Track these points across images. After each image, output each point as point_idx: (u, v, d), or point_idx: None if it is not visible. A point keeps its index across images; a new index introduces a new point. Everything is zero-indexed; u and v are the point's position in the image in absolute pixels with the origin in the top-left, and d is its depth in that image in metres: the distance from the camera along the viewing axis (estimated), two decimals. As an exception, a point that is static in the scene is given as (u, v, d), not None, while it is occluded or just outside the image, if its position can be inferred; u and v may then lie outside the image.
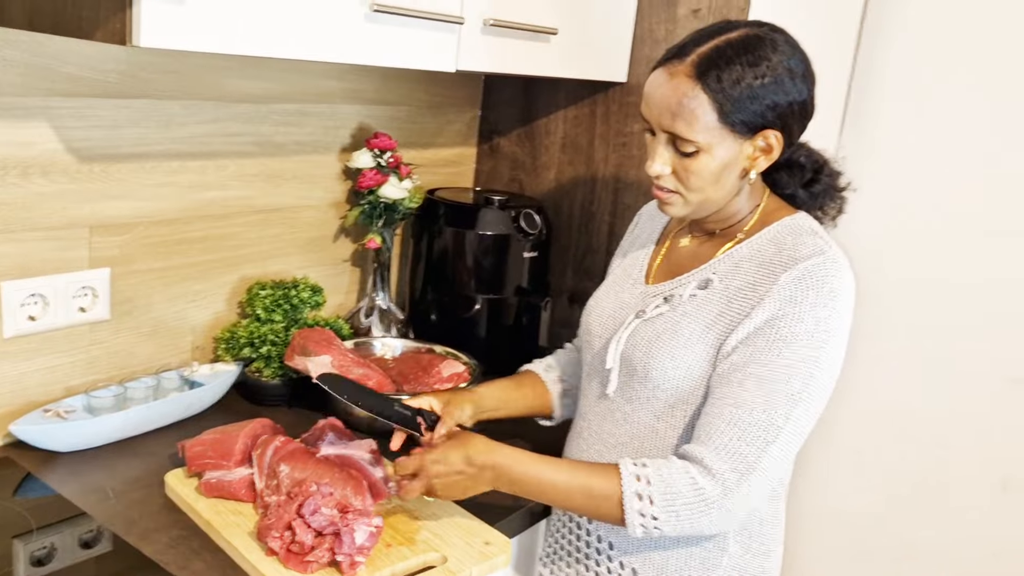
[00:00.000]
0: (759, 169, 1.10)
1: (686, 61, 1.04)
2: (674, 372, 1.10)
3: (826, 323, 1.03)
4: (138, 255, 1.45)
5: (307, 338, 1.45)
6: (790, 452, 1.05)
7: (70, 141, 1.32)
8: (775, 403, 1.02)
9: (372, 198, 1.68)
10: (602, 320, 1.23)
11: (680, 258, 1.21)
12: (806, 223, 1.13)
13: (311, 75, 1.63)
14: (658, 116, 1.06)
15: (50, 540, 1.14)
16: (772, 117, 1.05)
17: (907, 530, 1.99)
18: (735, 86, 1.02)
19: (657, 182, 1.11)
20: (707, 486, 1.03)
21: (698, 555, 1.14)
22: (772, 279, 1.05)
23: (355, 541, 1.08)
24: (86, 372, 1.43)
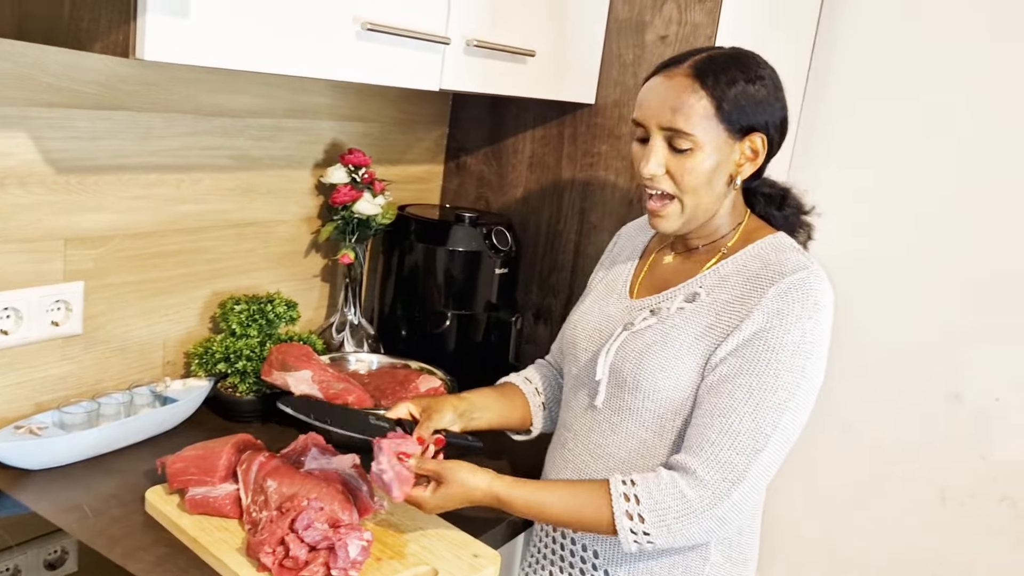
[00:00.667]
0: (744, 175, 1.15)
1: (683, 65, 1.12)
2: (664, 383, 1.13)
3: (811, 334, 1.08)
4: (112, 268, 1.43)
5: (286, 353, 1.45)
6: (778, 460, 1.09)
7: (48, 152, 1.29)
8: (763, 412, 1.06)
9: (346, 213, 1.69)
10: (588, 333, 1.26)
11: (664, 273, 1.24)
12: (787, 241, 1.18)
13: (288, 90, 1.63)
14: (657, 114, 1.11)
15: (14, 561, 1.11)
16: (761, 121, 1.12)
17: (849, 540, 2.06)
18: (731, 86, 1.10)
19: (651, 184, 1.14)
20: (695, 497, 1.06)
21: (681, 564, 1.17)
22: (760, 292, 1.10)
23: (349, 555, 1.08)
24: (57, 388, 1.40)
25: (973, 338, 1.87)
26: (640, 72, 1.74)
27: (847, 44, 1.93)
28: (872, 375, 2.00)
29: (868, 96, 1.93)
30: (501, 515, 1.34)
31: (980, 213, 1.84)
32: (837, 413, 2.04)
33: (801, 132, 2.01)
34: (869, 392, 2.00)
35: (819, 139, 2.00)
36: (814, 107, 1.99)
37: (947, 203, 1.87)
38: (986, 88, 1.80)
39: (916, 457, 1.97)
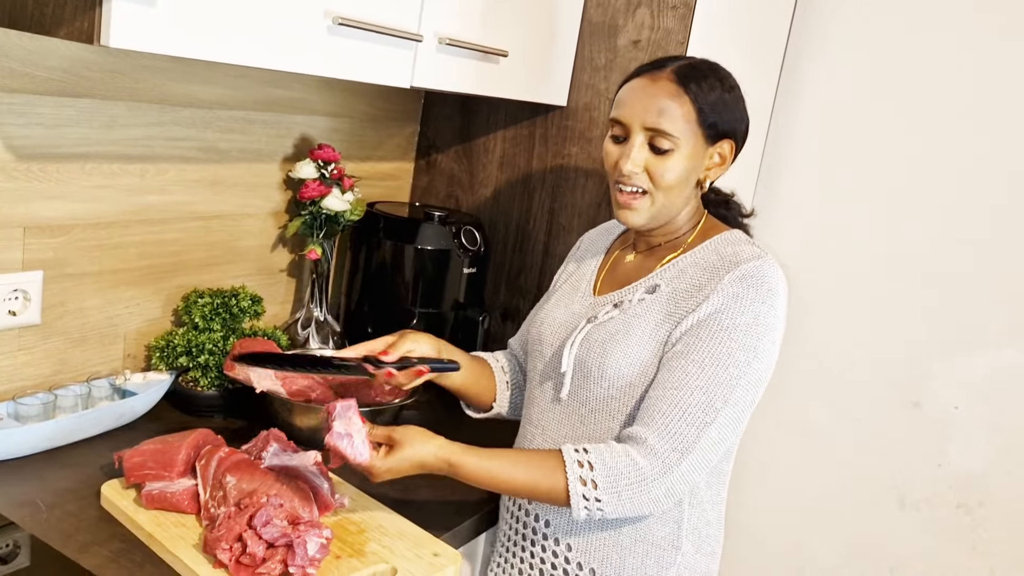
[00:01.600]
0: (712, 179, 1.21)
1: (666, 70, 1.17)
2: (628, 370, 1.16)
3: (764, 317, 1.12)
4: (73, 258, 1.40)
5: (249, 347, 1.43)
6: (727, 436, 1.13)
7: (9, 138, 1.27)
8: (715, 387, 1.10)
9: (314, 209, 1.68)
10: (554, 328, 1.28)
11: (626, 271, 1.28)
12: (742, 236, 1.24)
13: (258, 83, 1.62)
14: (642, 114, 1.16)
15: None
16: (731, 128, 1.18)
17: (808, 544, 2.09)
18: (710, 93, 1.15)
19: (628, 181, 1.18)
20: (646, 465, 1.09)
21: (654, 554, 1.19)
22: (716, 279, 1.14)
23: (307, 552, 1.07)
24: (12, 378, 1.37)
25: (934, 347, 1.90)
26: (612, 76, 1.75)
27: (819, 53, 1.95)
28: (833, 382, 2.02)
29: (835, 105, 1.95)
30: (464, 512, 1.34)
31: (944, 223, 1.86)
32: (797, 419, 2.06)
33: (770, 139, 2.03)
34: (830, 398, 2.03)
35: (785, 147, 2.01)
36: (782, 114, 2.01)
37: (910, 213, 1.89)
38: (952, 96, 1.83)
39: (876, 463, 1.99)
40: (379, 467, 1.12)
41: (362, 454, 1.12)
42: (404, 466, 1.13)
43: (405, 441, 1.13)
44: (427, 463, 1.13)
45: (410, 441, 1.13)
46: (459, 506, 1.36)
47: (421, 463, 1.13)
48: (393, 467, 1.12)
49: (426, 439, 1.14)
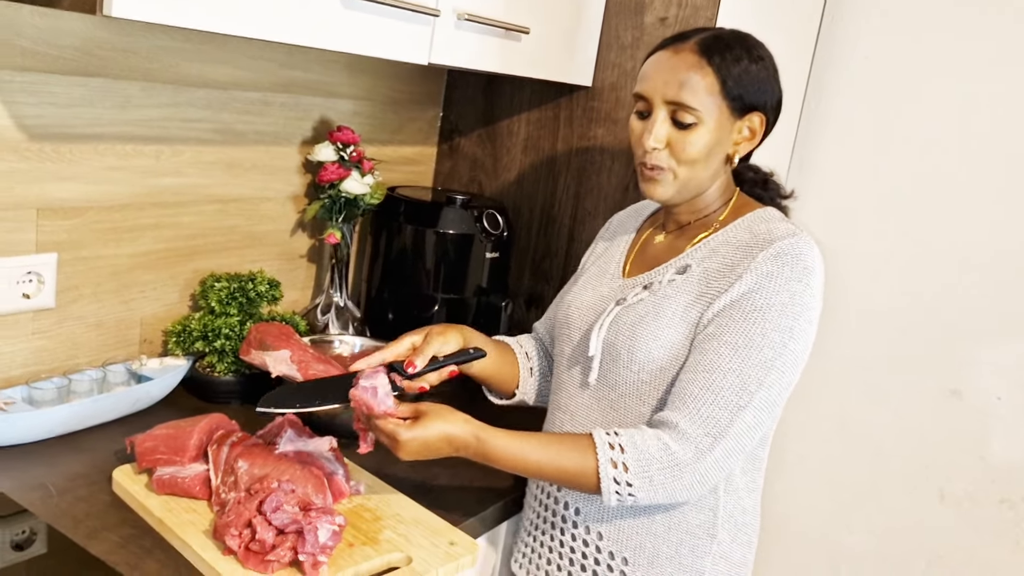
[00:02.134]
0: (741, 154, 1.17)
1: (689, 42, 1.13)
2: (658, 352, 1.11)
3: (800, 296, 1.07)
4: (87, 241, 1.38)
5: (265, 332, 1.40)
6: (762, 420, 1.08)
7: (20, 118, 1.25)
8: (748, 369, 1.05)
9: (333, 192, 1.65)
10: (582, 311, 1.24)
11: (656, 252, 1.24)
12: (776, 213, 1.19)
13: (275, 63, 1.59)
14: (663, 88, 1.11)
15: (1, 540, 1.07)
16: (761, 101, 1.13)
17: (846, 537, 2.02)
18: (735, 64, 1.11)
19: (650, 157, 1.14)
20: (679, 450, 1.05)
21: (688, 543, 1.15)
22: (749, 258, 1.10)
23: (318, 540, 1.04)
24: (28, 362, 1.36)
25: (975, 335, 1.83)
26: (638, 55, 1.69)
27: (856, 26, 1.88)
28: (871, 371, 1.95)
29: (874, 85, 1.88)
30: (486, 499, 1.30)
31: (984, 208, 1.79)
32: (833, 410, 2.00)
33: (804, 117, 1.96)
34: (867, 389, 1.96)
35: (820, 125, 1.95)
36: (818, 95, 1.94)
37: (951, 197, 1.82)
38: (994, 81, 1.75)
39: (915, 455, 1.93)
40: (404, 435, 1.06)
41: (385, 403, 1.08)
42: (430, 436, 1.07)
43: (432, 412, 1.09)
44: (454, 435, 1.08)
45: (437, 412, 1.09)
46: (481, 493, 1.32)
47: (448, 435, 1.07)
48: (419, 435, 1.06)
49: (453, 412, 1.10)
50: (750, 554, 1.22)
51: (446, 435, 1.08)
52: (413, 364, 1.16)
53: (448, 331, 1.22)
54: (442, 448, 1.08)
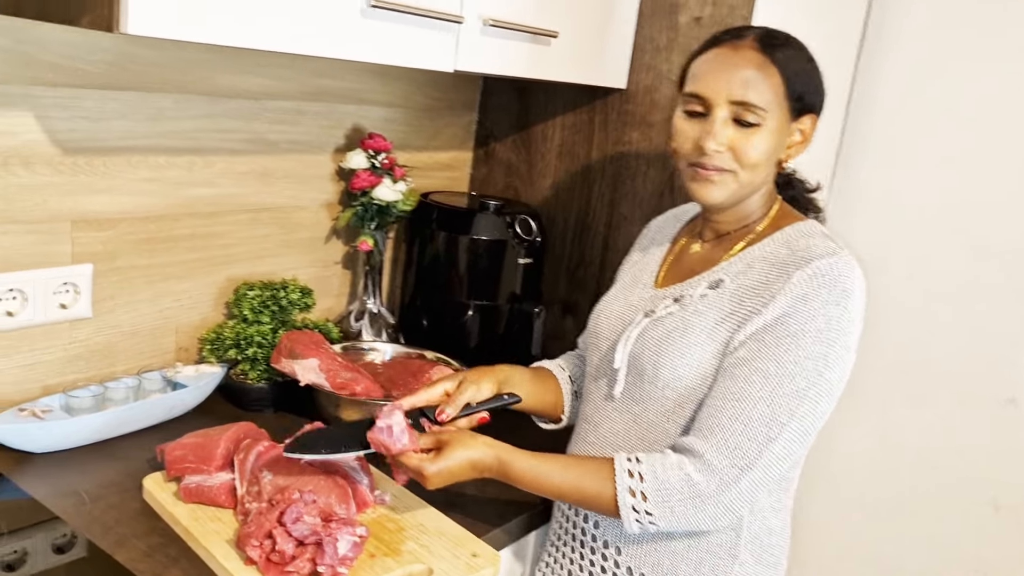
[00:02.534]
0: (792, 158, 1.13)
1: (746, 38, 1.09)
2: (684, 371, 1.08)
3: (837, 322, 1.02)
4: (122, 251, 1.41)
5: (295, 340, 1.41)
6: (793, 451, 1.04)
7: (54, 132, 1.28)
8: (780, 399, 1.01)
9: (365, 199, 1.65)
10: (610, 322, 1.22)
11: (691, 262, 1.20)
12: (817, 227, 1.14)
13: (307, 73, 1.60)
14: (726, 87, 1.07)
15: (22, 544, 1.10)
16: (816, 102, 1.11)
17: (891, 551, 1.96)
18: (794, 62, 1.08)
19: (710, 161, 1.09)
20: (702, 481, 1.02)
21: (709, 562, 1.12)
22: (784, 277, 1.05)
23: (338, 551, 1.04)
24: (65, 371, 1.39)
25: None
26: (673, 56, 1.66)
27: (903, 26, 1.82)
28: (916, 377, 1.88)
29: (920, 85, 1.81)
30: (508, 511, 1.29)
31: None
32: (876, 418, 1.94)
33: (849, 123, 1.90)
34: (912, 396, 1.89)
35: (866, 130, 1.89)
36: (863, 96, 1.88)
37: (1001, 198, 1.75)
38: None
39: (965, 464, 1.86)
40: (430, 468, 1.07)
41: (401, 440, 1.08)
42: (455, 465, 1.08)
43: (454, 441, 1.09)
44: (478, 460, 1.08)
45: (459, 440, 1.09)
46: (510, 504, 1.31)
47: (472, 461, 1.08)
48: (443, 468, 1.07)
49: (474, 437, 1.10)
50: (777, 574, 1.18)
51: (469, 461, 1.08)
52: (444, 412, 1.15)
53: (483, 378, 1.20)
54: (467, 473, 1.09)
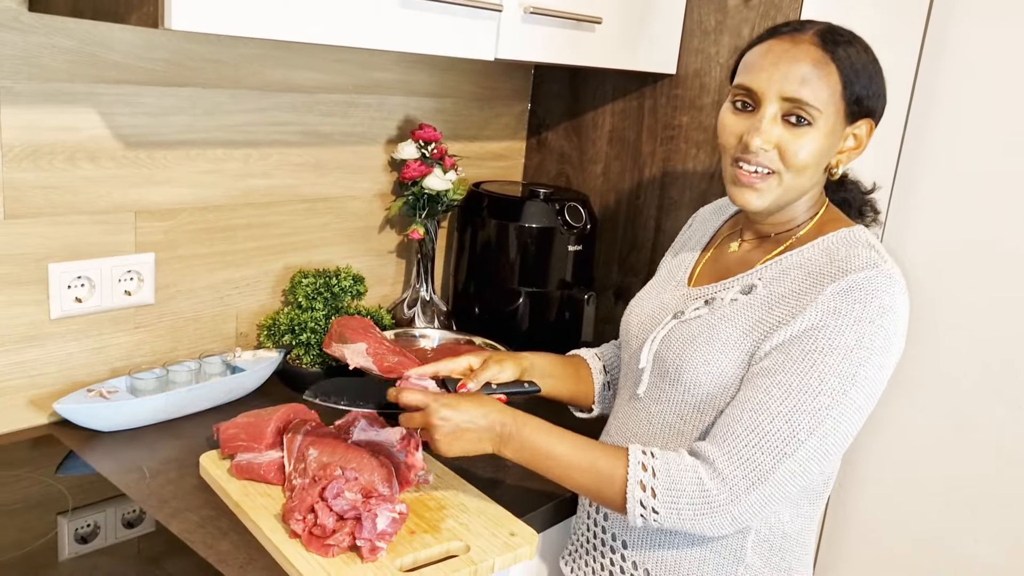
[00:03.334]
0: (844, 164, 1.07)
1: (807, 32, 1.03)
2: (706, 377, 1.06)
3: (870, 340, 0.97)
4: (183, 241, 1.48)
5: (345, 325, 1.45)
6: (810, 469, 1.00)
7: (116, 127, 1.35)
8: (800, 416, 0.98)
9: (416, 189, 1.69)
10: (641, 320, 1.21)
11: (728, 263, 1.17)
12: (863, 236, 1.08)
13: (358, 66, 1.64)
14: (780, 82, 1.01)
15: (93, 518, 1.16)
16: (875, 105, 1.05)
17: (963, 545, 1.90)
18: (856, 61, 1.02)
19: (754, 159, 1.04)
20: (713, 489, 0.99)
21: (712, 562, 1.10)
22: (818, 289, 1.01)
23: (376, 526, 1.07)
24: (131, 355, 1.46)
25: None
26: (722, 39, 1.65)
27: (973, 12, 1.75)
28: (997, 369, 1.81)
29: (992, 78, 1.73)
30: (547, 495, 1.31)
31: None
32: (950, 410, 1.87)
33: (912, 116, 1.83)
34: (991, 388, 1.82)
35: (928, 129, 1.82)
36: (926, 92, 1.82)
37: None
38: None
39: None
40: (436, 403, 1.06)
41: None
42: (464, 409, 1.06)
43: (469, 396, 1.10)
44: (491, 412, 1.07)
45: (474, 397, 1.10)
46: (549, 490, 1.32)
47: (484, 411, 1.06)
48: (451, 402, 1.06)
49: (491, 398, 1.11)
50: None
51: (482, 410, 1.07)
52: (466, 386, 1.16)
53: (506, 360, 1.21)
54: (476, 425, 1.06)
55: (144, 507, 1.18)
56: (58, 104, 1.28)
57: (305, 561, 1.06)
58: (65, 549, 1.09)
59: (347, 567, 1.05)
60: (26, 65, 1.23)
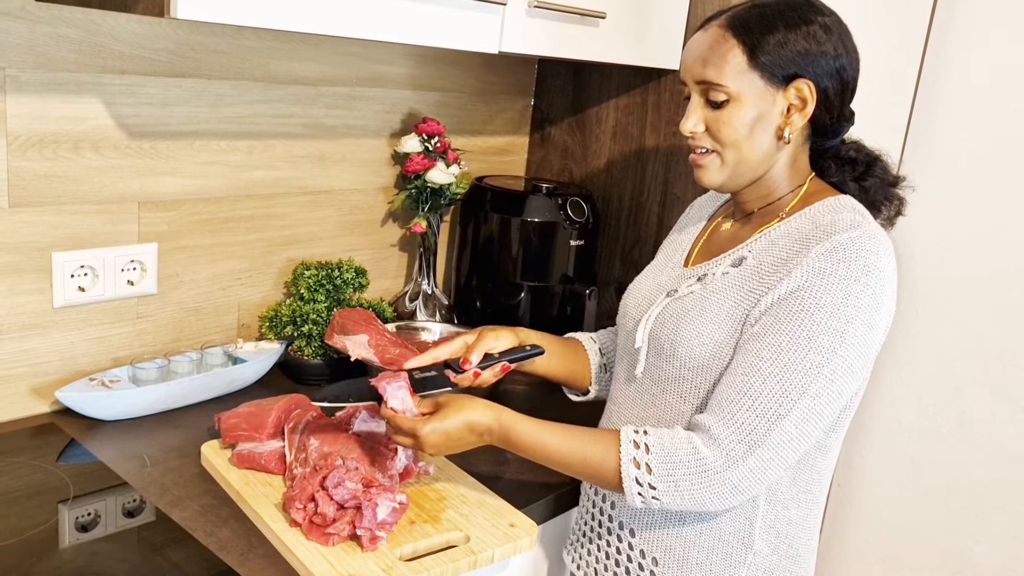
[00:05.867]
0: (794, 128, 1.08)
1: (721, 17, 1.09)
2: (700, 350, 1.07)
3: (856, 298, 0.98)
4: (185, 231, 1.48)
5: (346, 317, 1.46)
6: (807, 431, 1.00)
7: (120, 117, 1.35)
8: (791, 375, 0.98)
9: (419, 183, 1.69)
10: (637, 301, 1.22)
11: (720, 241, 1.19)
12: (848, 202, 1.09)
13: (362, 59, 1.64)
14: (690, 68, 1.09)
15: (94, 506, 1.17)
16: (804, 64, 1.05)
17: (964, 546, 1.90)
18: (767, 34, 1.04)
19: (691, 142, 1.11)
20: (709, 456, 1.00)
21: (721, 550, 1.11)
22: (804, 252, 1.02)
23: (376, 516, 1.08)
24: (133, 344, 1.47)
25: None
26: (726, 34, 1.65)
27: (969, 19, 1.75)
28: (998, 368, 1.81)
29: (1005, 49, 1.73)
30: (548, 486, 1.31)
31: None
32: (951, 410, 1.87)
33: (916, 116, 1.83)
34: (993, 388, 1.82)
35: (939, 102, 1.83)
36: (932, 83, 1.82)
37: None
38: None
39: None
40: (423, 428, 1.07)
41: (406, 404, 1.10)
42: (451, 426, 1.07)
43: (451, 403, 1.09)
44: (475, 422, 1.07)
45: (457, 402, 1.09)
46: (551, 482, 1.33)
47: (469, 423, 1.07)
48: (438, 427, 1.07)
49: (474, 399, 1.10)
50: (797, 567, 1.14)
51: (467, 423, 1.08)
52: (468, 360, 1.17)
53: (501, 330, 1.22)
54: (465, 436, 1.08)
55: (145, 495, 1.19)
56: (63, 93, 1.28)
57: (305, 549, 1.06)
58: (66, 537, 1.10)
59: (347, 556, 1.06)
60: (32, 54, 1.24)
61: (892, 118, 1.87)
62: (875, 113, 1.59)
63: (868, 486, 1.99)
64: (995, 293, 1.79)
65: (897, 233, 1.81)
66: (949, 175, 1.81)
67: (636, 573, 1.17)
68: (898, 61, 1.80)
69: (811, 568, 1.18)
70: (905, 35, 1.77)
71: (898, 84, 1.83)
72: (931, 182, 1.83)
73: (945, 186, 1.82)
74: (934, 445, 1.91)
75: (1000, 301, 1.79)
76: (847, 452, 2.02)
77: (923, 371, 1.85)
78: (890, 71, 1.80)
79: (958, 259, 1.79)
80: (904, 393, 1.89)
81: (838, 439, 1.13)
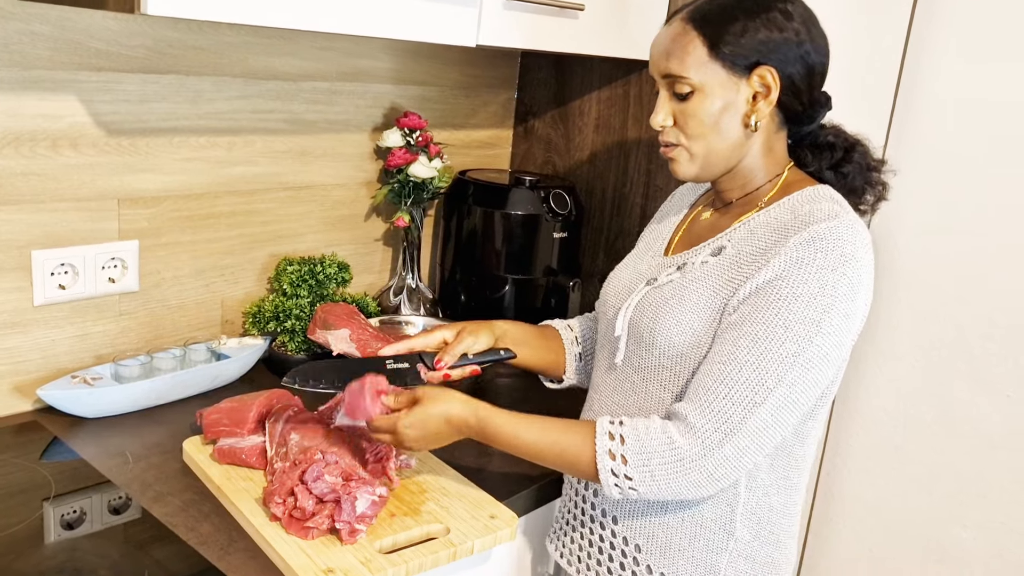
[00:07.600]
0: (761, 115, 1.08)
1: (684, 10, 1.10)
2: (679, 339, 1.07)
3: (832, 288, 0.99)
4: (166, 228, 1.48)
5: (329, 312, 1.46)
6: (783, 419, 1.01)
7: (98, 115, 1.35)
8: (767, 363, 0.99)
9: (401, 177, 1.69)
10: (617, 290, 1.23)
11: (700, 230, 1.20)
12: (826, 191, 1.10)
13: (342, 53, 1.64)
14: (656, 62, 1.10)
15: (78, 504, 1.17)
16: (766, 52, 1.05)
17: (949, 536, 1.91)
18: (727, 23, 1.05)
19: (661, 137, 1.12)
20: (684, 445, 1.00)
21: (703, 536, 1.11)
22: (782, 242, 1.03)
23: (356, 509, 1.08)
24: (115, 342, 1.47)
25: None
26: (706, 25, 1.65)
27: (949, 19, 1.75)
28: (980, 354, 1.81)
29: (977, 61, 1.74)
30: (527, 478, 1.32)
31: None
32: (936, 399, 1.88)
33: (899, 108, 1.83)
34: (977, 376, 1.83)
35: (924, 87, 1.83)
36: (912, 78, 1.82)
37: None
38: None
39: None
40: (402, 422, 1.09)
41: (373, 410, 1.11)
42: (429, 420, 1.09)
43: (427, 397, 1.10)
44: (452, 415, 1.09)
45: (433, 396, 1.10)
46: (534, 474, 1.33)
47: (447, 417, 1.09)
48: (416, 421, 1.09)
49: (450, 392, 1.11)
50: (779, 553, 1.15)
51: (444, 416, 1.09)
52: (442, 360, 1.20)
53: (480, 330, 1.24)
54: (443, 430, 1.10)
55: (127, 491, 1.19)
56: (39, 91, 1.28)
57: (285, 543, 1.07)
58: (49, 534, 1.10)
59: (327, 549, 1.06)
60: (6, 52, 1.24)
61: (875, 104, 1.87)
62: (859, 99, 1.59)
63: (854, 475, 2.00)
64: (978, 282, 1.79)
65: (880, 222, 1.83)
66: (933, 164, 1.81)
67: (619, 560, 1.17)
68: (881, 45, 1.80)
69: (792, 553, 1.19)
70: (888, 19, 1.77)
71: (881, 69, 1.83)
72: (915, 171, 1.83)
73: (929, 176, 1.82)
74: (918, 434, 1.91)
75: (983, 290, 1.79)
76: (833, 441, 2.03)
77: (906, 360, 1.86)
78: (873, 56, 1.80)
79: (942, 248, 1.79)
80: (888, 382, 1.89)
81: (816, 426, 1.14)
